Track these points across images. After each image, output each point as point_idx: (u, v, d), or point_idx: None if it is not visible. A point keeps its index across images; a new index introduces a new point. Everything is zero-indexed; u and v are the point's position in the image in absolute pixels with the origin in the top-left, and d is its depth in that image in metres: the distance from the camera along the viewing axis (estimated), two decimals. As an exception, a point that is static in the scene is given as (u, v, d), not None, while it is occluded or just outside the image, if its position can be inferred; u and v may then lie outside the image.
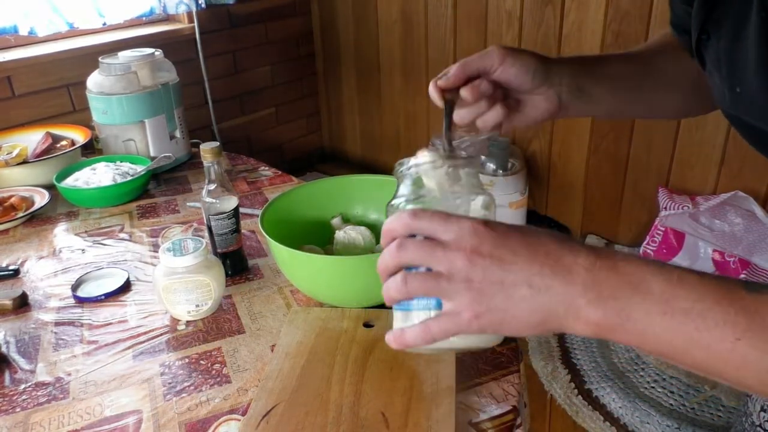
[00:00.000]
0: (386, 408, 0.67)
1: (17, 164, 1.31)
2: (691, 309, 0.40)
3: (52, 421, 0.70)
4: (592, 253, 0.43)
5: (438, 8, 2.00)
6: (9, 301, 0.91)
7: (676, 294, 0.40)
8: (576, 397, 1.39)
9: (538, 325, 0.44)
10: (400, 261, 0.46)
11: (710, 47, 0.53)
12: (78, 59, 1.72)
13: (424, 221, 0.45)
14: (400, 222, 0.46)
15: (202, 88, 2.09)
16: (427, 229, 0.45)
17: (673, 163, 1.64)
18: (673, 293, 0.41)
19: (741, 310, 0.39)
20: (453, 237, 0.44)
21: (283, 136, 2.48)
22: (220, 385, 0.75)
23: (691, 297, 0.40)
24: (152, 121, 1.39)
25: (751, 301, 0.39)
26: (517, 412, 0.70)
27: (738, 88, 0.49)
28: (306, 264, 0.84)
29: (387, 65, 2.25)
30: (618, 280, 0.42)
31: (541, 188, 1.95)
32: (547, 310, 0.43)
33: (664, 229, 1.55)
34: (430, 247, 0.45)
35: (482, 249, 0.43)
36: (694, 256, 1.51)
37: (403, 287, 0.46)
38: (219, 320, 0.87)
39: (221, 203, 0.93)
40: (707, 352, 0.40)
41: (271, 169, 1.43)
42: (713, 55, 0.53)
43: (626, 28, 1.59)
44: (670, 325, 0.40)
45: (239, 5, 2.11)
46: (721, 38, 0.51)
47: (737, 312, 0.39)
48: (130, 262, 1.04)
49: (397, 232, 0.47)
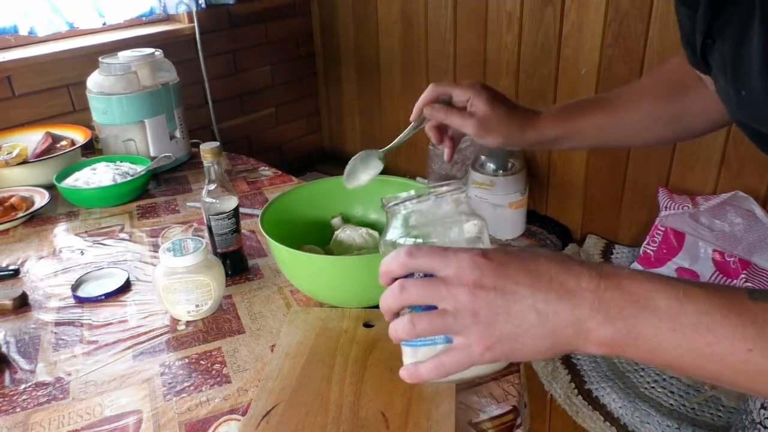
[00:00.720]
0: (386, 408, 0.67)
1: (17, 164, 1.31)
2: (699, 323, 0.40)
3: (52, 421, 0.70)
4: (595, 274, 0.43)
5: (438, 8, 2.00)
6: (9, 301, 0.91)
7: (684, 309, 0.41)
8: (576, 397, 1.39)
9: (549, 350, 0.44)
10: (403, 303, 0.47)
11: (715, 51, 0.54)
12: (78, 59, 1.72)
13: (422, 259, 0.46)
14: (397, 262, 0.47)
15: (202, 88, 2.08)
16: (425, 266, 0.46)
17: (673, 163, 1.64)
18: (680, 309, 0.41)
19: (749, 320, 0.39)
20: (453, 272, 0.44)
21: (283, 136, 2.48)
22: (220, 385, 0.75)
23: (699, 311, 0.40)
24: (152, 121, 1.39)
25: (757, 309, 0.40)
26: (517, 412, 0.70)
27: (743, 92, 0.49)
28: (306, 264, 0.84)
29: (387, 65, 2.24)
30: (624, 300, 0.42)
31: (541, 188, 1.95)
32: (557, 335, 0.44)
33: (664, 229, 1.55)
34: (432, 286, 0.45)
35: (484, 281, 0.44)
36: (694, 256, 1.51)
37: (412, 329, 0.46)
38: (219, 320, 0.87)
39: (221, 203, 0.93)
40: (720, 365, 0.40)
41: (271, 169, 1.43)
42: (718, 59, 0.53)
43: (626, 28, 1.59)
44: (680, 341, 0.41)
45: (239, 5, 2.10)
46: (726, 42, 0.51)
47: (745, 323, 0.39)
48: (130, 262, 1.04)
49: (395, 273, 0.47)
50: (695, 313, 0.40)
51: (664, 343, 0.41)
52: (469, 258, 0.44)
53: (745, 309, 0.40)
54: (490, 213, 1.81)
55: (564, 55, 1.73)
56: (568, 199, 1.90)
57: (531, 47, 1.80)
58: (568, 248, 1.78)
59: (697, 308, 0.40)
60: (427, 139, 0.85)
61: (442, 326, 0.45)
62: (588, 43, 1.68)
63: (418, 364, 0.47)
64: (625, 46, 1.60)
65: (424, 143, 1.92)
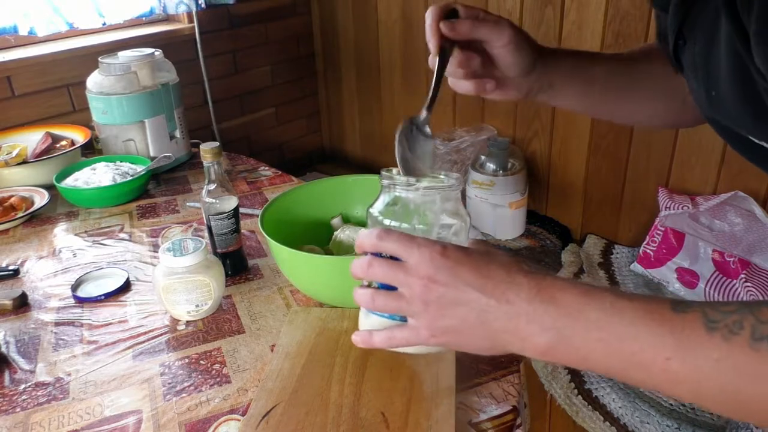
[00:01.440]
0: (386, 408, 0.67)
1: (17, 164, 1.31)
2: (625, 333, 0.43)
3: (52, 421, 0.70)
4: (534, 285, 0.47)
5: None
6: (9, 301, 0.91)
7: (611, 321, 0.44)
8: (576, 397, 1.39)
9: (490, 349, 0.50)
10: (368, 278, 0.53)
11: (686, 52, 0.54)
12: (78, 59, 1.72)
13: (390, 243, 0.51)
14: (369, 241, 0.52)
15: (202, 88, 2.08)
16: (391, 250, 0.51)
17: (673, 163, 1.64)
18: (608, 320, 0.44)
19: (668, 330, 0.42)
20: (413, 263, 0.49)
21: (283, 136, 2.48)
22: (220, 385, 0.75)
23: (624, 322, 0.43)
24: (152, 121, 1.39)
25: (678, 320, 0.42)
26: (517, 412, 0.70)
27: (713, 92, 0.50)
28: (306, 264, 0.84)
29: (387, 65, 2.24)
30: (557, 312, 0.46)
31: (541, 188, 1.95)
32: (496, 338, 0.48)
33: (664, 229, 1.55)
34: (393, 271, 0.50)
35: (438, 277, 0.48)
36: (694, 256, 1.51)
37: (371, 303, 0.53)
38: (219, 320, 0.87)
39: (221, 203, 0.93)
40: (645, 373, 0.43)
41: (271, 169, 1.43)
42: (689, 59, 0.53)
43: (626, 28, 1.58)
44: (608, 350, 0.44)
45: (239, 5, 2.10)
46: (696, 43, 0.51)
47: (665, 333, 0.42)
48: (130, 262, 1.04)
49: (366, 249, 0.53)
50: (621, 323, 0.43)
51: (594, 352, 0.45)
52: (429, 253, 0.49)
53: (667, 319, 0.42)
54: (490, 213, 1.81)
55: (564, 55, 1.73)
56: (568, 199, 1.90)
57: (531, 47, 1.79)
58: (568, 248, 1.78)
59: (623, 319, 0.43)
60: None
61: (396, 308, 0.52)
62: (588, 43, 1.68)
63: (372, 332, 0.54)
64: (625, 46, 1.59)
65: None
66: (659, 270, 1.57)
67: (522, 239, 1.85)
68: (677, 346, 0.41)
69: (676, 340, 0.41)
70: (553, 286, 0.47)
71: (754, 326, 0.39)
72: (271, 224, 0.88)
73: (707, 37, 0.49)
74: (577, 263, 1.71)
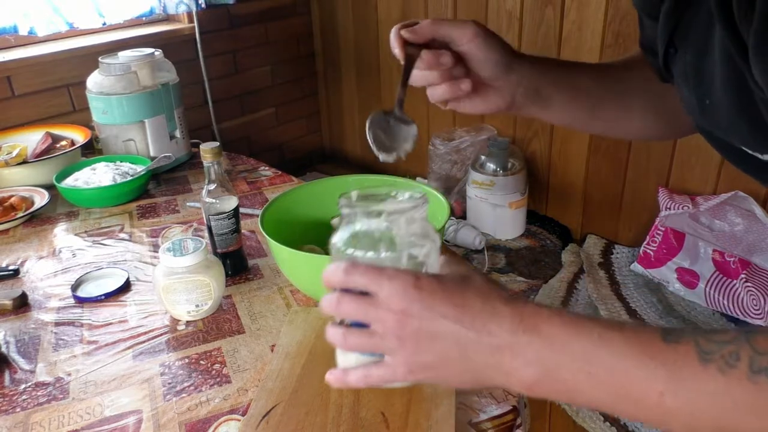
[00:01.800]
0: (386, 408, 0.67)
1: (17, 164, 1.31)
2: (614, 367, 0.41)
3: (52, 421, 0.70)
4: (517, 315, 0.44)
5: (438, 8, 2.00)
6: (9, 301, 0.91)
7: (598, 354, 0.42)
8: (576, 397, 1.39)
9: (473, 382, 0.46)
10: (338, 315, 0.48)
11: (678, 60, 0.53)
12: (78, 59, 1.72)
13: (357, 277, 0.46)
14: (335, 276, 0.48)
15: (202, 88, 2.08)
16: (360, 285, 0.47)
17: (673, 163, 1.64)
18: (595, 353, 0.42)
19: (660, 362, 0.40)
20: (384, 296, 0.45)
21: (283, 136, 2.48)
22: (220, 385, 0.75)
23: (614, 355, 0.41)
24: (152, 121, 1.39)
25: (670, 351, 0.40)
26: (517, 412, 0.70)
27: (707, 100, 0.49)
28: (306, 264, 0.84)
29: (387, 65, 2.24)
30: (541, 344, 0.43)
31: (541, 188, 1.95)
32: (478, 371, 0.45)
33: (664, 229, 1.55)
34: (364, 307, 0.46)
35: (411, 310, 0.45)
36: (694, 256, 1.51)
37: (344, 342, 0.48)
38: (219, 320, 0.87)
39: (221, 203, 0.93)
40: (636, 407, 0.41)
41: (271, 169, 1.43)
42: (681, 68, 0.52)
43: (626, 28, 1.58)
44: (596, 384, 0.42)
45: (239, 5, 2.10)
46: (688, 51, 0.51)
47: (657, 365, 0.40)
48: (130, 262, 1.04)
49: (334, 285, 0.48)
50: (610, 355, 0.41)
51: (581, 386, 0.42)
52: (401, 285, 0.45)
53: (659, 351, 0.40)
54: (490, 213, 1.81)
55: (564, 54, 1.73)
56: (568, 199, 1.90)
57: (531, 47, 1.80)
58: (568, 248, 1.78)
59: (612, 351, 0.41)
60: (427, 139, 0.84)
61: (370, 346, 0.47)
62: (588, 43, 1.68)
63: (347, 372, 0.49)
64: (625, 46, 1.59)
65: (425, 143, 1.92)
66: (659, 270, 1.57)
67: (522, 239, 1.85)
68: (670, 378, 0.40)
69: (668, 373, 0.40)
70: (537, 315, 0.44)
71: (752, 358, 0.38)
72: (271, 224, 0.88)
73: (700, 44, 0.48)
74: (577, 263, 1.71)
